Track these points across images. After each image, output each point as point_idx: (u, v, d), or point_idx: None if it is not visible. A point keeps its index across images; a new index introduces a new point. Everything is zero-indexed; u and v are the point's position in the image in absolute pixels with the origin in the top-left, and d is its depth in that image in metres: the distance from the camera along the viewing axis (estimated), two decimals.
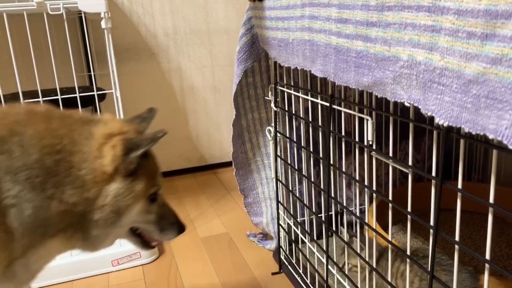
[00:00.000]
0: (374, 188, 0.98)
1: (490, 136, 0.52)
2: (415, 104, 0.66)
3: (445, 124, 0.60)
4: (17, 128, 0.82)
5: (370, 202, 1.52)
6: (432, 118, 0.63)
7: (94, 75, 2.05)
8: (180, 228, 1.01)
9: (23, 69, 1.64)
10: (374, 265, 0.99)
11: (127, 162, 0.86)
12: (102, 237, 0.89)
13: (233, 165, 1.56)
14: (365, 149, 0.93)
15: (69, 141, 0.84)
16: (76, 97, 1.54)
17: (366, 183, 0.99)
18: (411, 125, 0.78)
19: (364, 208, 1.63)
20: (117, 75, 1.65)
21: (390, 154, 0.84)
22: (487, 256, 0.63)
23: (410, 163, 0.78)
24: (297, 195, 1.47)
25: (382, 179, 1.67)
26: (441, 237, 1.17)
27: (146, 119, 0.99)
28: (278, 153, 1.43)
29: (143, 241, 1.01)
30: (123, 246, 1.60)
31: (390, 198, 0.85)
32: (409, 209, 0.80)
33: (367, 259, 1.09)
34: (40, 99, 1.50)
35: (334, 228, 1.63)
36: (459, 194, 0.68)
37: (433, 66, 0.61)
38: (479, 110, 0.54)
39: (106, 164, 0.84)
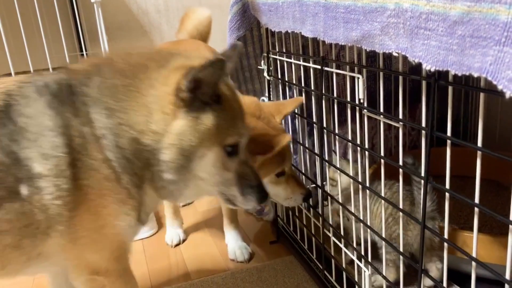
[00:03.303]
0: (367, 155, 0.99)
1: (475, 75, 0.53)
2: (403, 53, 0.66)
3: (433, 69, 0.60)
4: (103, 64, 0.86)
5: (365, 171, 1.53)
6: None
7: (86, 54, 2.03)
8: (261, 195, 0.93)
9: (14, 50, 1.64)
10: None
11: (189, 95, 0.81)
12: (180, 184, 0.86)
13: None
14: (357, 108, 0.94)
15: (139, 67, 0.84)
16: None
17: (360, 150, 1.00)
18: (401, 78, 0.79)
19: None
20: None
21: (381, 110, 0.85)
22: (476, 200, 0.65)
23: (400, 116, 0.79)
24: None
25: (378, 148, 1.68)
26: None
27: (231, 57, 0.94)
28: None
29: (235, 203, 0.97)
30: None
31: (383, 153, 0.86)
32: (400, 163, 0.81)
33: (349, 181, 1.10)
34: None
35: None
36: (448, 141, 0.69)
37: (419, 11, 0.61)
38: (464, 51, 0.55)
39: (170, 92, 0.81)
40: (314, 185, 1.37)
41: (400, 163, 0.82)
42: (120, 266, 0.90)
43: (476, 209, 0.65)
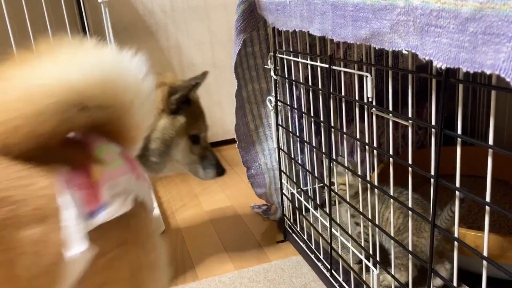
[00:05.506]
0: (375, 154, 0.98)
1: (488, 72, 0.52)
2: (413, 51, 0.66)
3: (443, 67, 0.60)
4: None
5: (373, 170, 1.53)
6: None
7: None
8: (219, 170, 1.28)
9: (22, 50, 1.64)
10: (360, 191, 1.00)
11: (169, 103, 1.18)
12: (161, 165, 1.21)
13: (235, 137, 1.57)
14: (365, 107, 0.93)
15: None
16: None
17: (368, 149, 1.00)
18: (410, 76, 0.78)
19: (366, 176, 1.63)
20: None
21: (390, 109, 0.84)
22: (487, 199, 0.64)
23: (410, 114, 0.78)
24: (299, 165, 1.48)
25: (385, 147, 1.67)
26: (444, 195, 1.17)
27: (198, 79, 1.26)
28: (279, 123, 1.43)
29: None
30: None
31: (391, 153, 0.86)
32: (409, 161, 0.81)
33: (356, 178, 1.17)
34: None
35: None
36: (458, 140, 0.68)
37: (429, 9, 0.60)
38: (476, 48, 0.54)
39: (157, 102, 1.16)
40: (321, 184, 1.37)
41: (409, 161, 0.81)
42: None
43: (487, 208, 0.65)
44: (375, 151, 0.92)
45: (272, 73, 1.36)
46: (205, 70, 1.30)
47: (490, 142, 0.62)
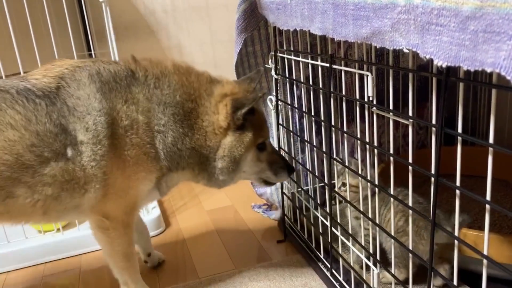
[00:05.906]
0: (376, 153, 0.98)
1: (489, 70, 0.52)
2: (414, 49, 0.66)
3: (444, 65, 0.60)
4: (166, 72, 1.07)
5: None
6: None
7: (94, 54, 2.04)
8: (289, 169, 1.22)
9: (23, 49, 1.65)
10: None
11: (236, 119, 1.06)
12: (228, 181, 1.15)
13: None
14: (366, 106, 0.93)
15: (198, 94, 1.08)
16: None
17: (368, 148, 0.99)
18: (410, 75, 0.78)
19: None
20: (117, 53, 1.64)
21: (391, 107, 0.84)
22: (488, 197, 0.64)
23: (410, 113, 0.78)
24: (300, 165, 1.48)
25: (385, 147, 1.67)
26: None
27: (254, 79, 1.19)
28: (280, 122, 1.43)
29: (270, 183, 1.23)
30: None
31: (391, 152, 0.86)
32: (410, 160, 0.81)
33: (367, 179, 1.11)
34: None
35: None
36: (459, 138, 0.68)
37: (430, 7, 0.60)
38: (477, 46, 0.54)
39: (221, 120, 1.06)
40: (322, 183, 1.37)
41: (410, 160, 0.81)
42: (126, 218, 1.10)
43: (487, 207, 0.65)
44: (375, 151, 0.92)
45: (272, 73, 1.37)
46: (259, 68, 1.21)
47: (491, 140, 0.62)
